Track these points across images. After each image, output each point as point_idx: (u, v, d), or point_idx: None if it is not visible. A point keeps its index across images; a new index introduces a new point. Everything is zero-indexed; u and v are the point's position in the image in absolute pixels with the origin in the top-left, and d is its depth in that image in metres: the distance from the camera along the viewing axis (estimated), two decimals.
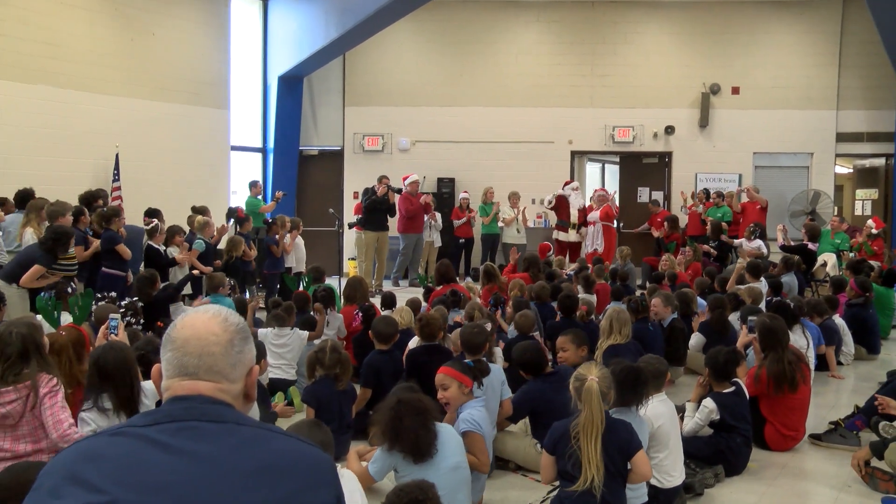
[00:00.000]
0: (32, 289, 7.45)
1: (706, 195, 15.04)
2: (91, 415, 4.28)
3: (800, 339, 7.11)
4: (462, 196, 15.24)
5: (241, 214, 11.91)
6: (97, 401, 4.27)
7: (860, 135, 16.03)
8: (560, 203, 14.65)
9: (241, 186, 14.13)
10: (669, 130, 16.13)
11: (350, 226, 13.79)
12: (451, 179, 16.11)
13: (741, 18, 16.06)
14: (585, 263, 11.95)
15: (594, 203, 14.94)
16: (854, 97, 15.91)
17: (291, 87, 15.83)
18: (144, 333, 6.11)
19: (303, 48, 14.72)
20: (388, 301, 8.52)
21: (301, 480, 1.64)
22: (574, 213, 14.56)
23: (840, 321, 8.75)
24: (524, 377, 5.36)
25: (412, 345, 6.34)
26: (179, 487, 1.55)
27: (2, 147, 10.72)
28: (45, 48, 11.25)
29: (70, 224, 8.43)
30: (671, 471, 4.58)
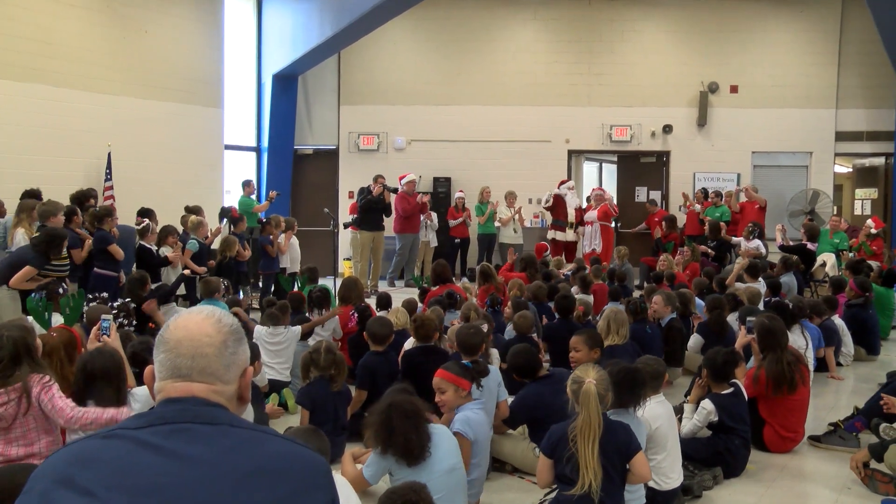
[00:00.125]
0: (23, 290, 7.43)
1: (704, 195, 15.07)
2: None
3: (798, 340, 7.12)
4: (457, 196, 15.25)
5: (235, 214, 11.90)
6: (85, 406, 4.26)
7: (860, 134, 16.06)
8: (556, 202, 14.68)
9: (235, 186, 14.12)
10: (667, 129, 16.14)
11: (345, 226, 13.79)
12: (448, 179, 16.11)
13: (739, 16, 16.08)
14: (583, 263, 11.96)
15: (592, 202, 14.97)
16: (853, 96, 15.94)
17: (286, 86, 15.82)
18: (137, 335, 6.10)
19: (297, 46, 14.71)
20: (384, 302, 8.51)
21: (296, 483, 1.64)
22: (571, 213, 14.59)
23: (839, 322, 8.76)
24: (517, 380, 5.36)
25: (408, 346, 6.34)
26: (172, 490, 1.54)
27: None
28: (38, 46, 11.22)
29: (62, 224, 8.40)
30: (669, 473, 4.59)
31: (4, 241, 8.96)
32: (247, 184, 13.19)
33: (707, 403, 5.30)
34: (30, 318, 6.30)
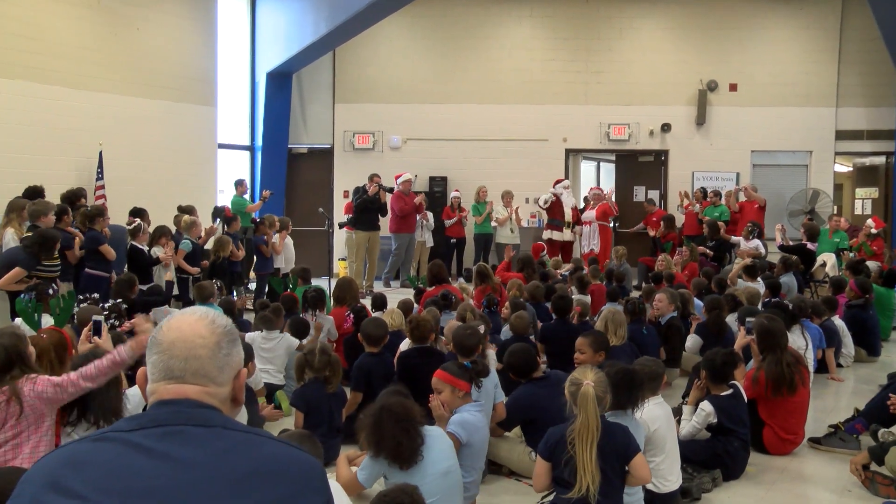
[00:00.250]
0: (12, 291, 7.41)
1: (703, 194, 15.08)
2: (80, 431, 4.24)
3: (798, 340, 7.13)
4: (453, 195, 15.24)
5: (229, 214, 11.89)
6: (76, 412, 4.21)
7: (860, 132, 16.08)
8: (553, 202, 14.65)
9: (229, 185, 14.09)
10: (666, 128, 16.15)
11: (340, 226, 13.78)
12: (444, 178, 16.10)
13: (739, 14, 16.09)
14: (581, 264, 11.97)
15: (590, 201, 14.98)
16: (854, 94, 15.96)
17: (280, 84, 15.80)
18: (128, 336, 6.09)
19: (292, 44, 14.69)
20: (379, 302, 8.51)
21: (290, 486, 1.64)
22: (567, 212, 14.58)
23: (840, 322, 8.78)
24: (514, 380, 5.36)
25: (403, 347, 6.34)
26: (164, 494, 1.54)
27: None
28: (26, 42, 11.17)
29: (53, 224, 8.38)
30: (668, 475, 4.59)
31: None
32: (239, 183, 13.15)
33: (706, 405, 5.31)
34: (18, 320, 6.31)
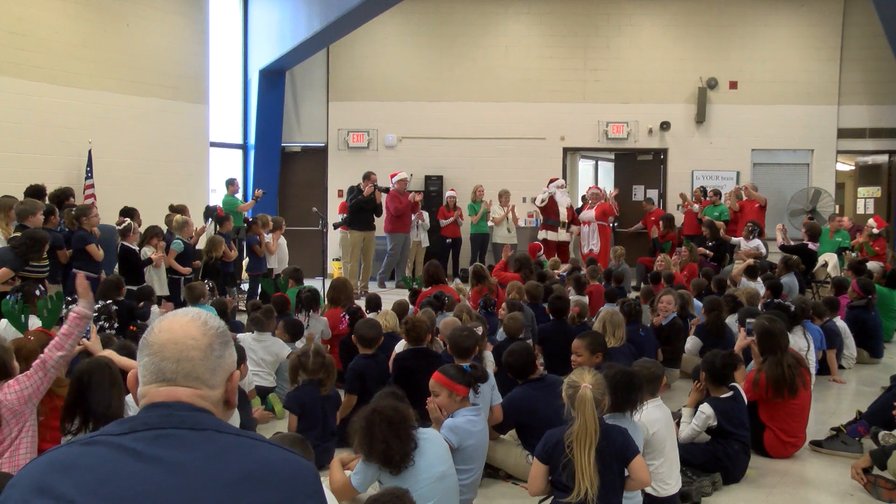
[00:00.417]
0: None
1: (703, 193, 15.09)
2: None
3: (800, 341, 7.15)
4: (448, 195, 15.24)
5: (221, 213, 11.87)
6: (76, 423, 4.13)
7: (862, 131, 16.11)
8: (547, 202, 14.61)
9: (221, 184, 14.08)
10: (665, 126, 16.17)
11: (335, 226, 13.77)
12: (440, 177, 16.11)
13: (739, 10, 16.11)
14: (578, 264, 11.97)
15: (588, 201, 14.97)
16: (856, 92, 15.99)
17: (273, 82, 15.80)
18: (118, 338, 6.08)
19: (285, 41, 14.68)
20: (373, 303, 8.50)
21: (283, 490, 1.64)
22: (563, 212, 14.56)
23: (841, 323, 8.78)
24: (511, 380, 5.37)
25: (399, 349, 6.34)
26: (155, 498, 1.54)
27: None
28: (13, 38, 11.16)
29: (41, 224, 8.36)
30: (667, 479, 4.59)
31: None
32: (230, 182, 13.12)
33: (706, 408, 5.31)
34: (3, 322, 6.28)
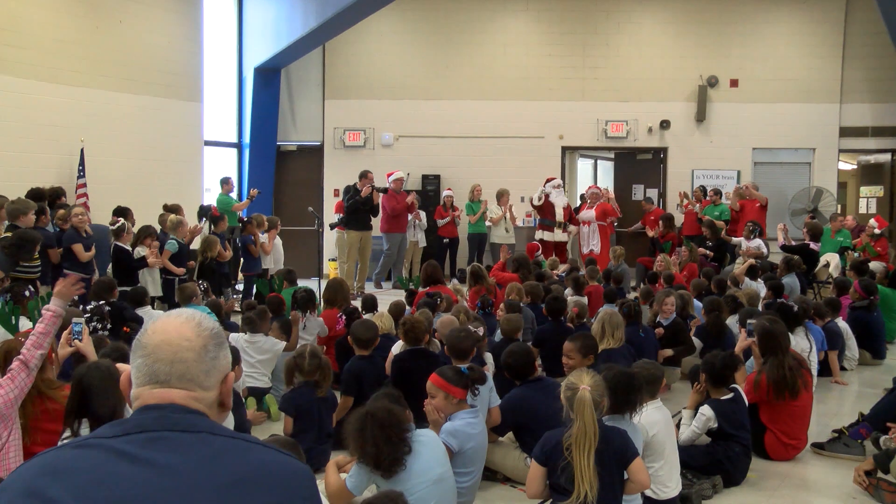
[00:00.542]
0: None
1: (703, 193, 15.10)
2: None
3: (802, 342, 7.15)
4: (445, 194, 15.23)
5: (216, 213, 11.87)
6: (79, 427, 4.01)
7: (864, 129, 16.14)
8: (545, 202, 14.57)
9: (216, 183, 14.08)
10: (665, 125, 16.18)
11: (332, 226, 13.75)
12: (437, 176, 16.11)
13: (740, 7, 16.13)
14: (577, 264, 11.96)
15: (588, 200, 14.96)
16: (858, 90, 16.01)
17: (268, 79, 15.78)
18: (111, 339, 6.07)
19: (280, 38, 14.67)
20: (369, 304, 8.50)
21: (279, 493, 1.63)
22: (559, 212, 14.54)
23: (843, 324, 8.79)
24: (509, 381, 5.37)
25: (396, 350, 6.33)
26: (149, 501, 1.53)
27: None
28: (3, 35, 11.14)
29: (32, 224, 8.36)
30: (667, 482, 4.60)
31: None
32: (225, 181, 13.12)
33: (706, 409, 5.31)
34: None
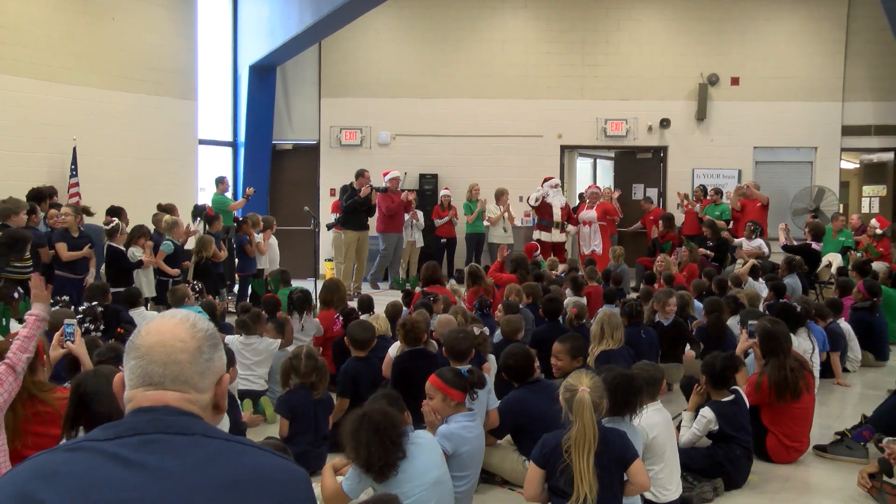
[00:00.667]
0: None
1: (703, 192, 15.10)
2: None
3: (804, 343, 7.14)
4: (443, 193, 15.21)
5: (211, 213, 11.85)
6: (77, 435, 4.04)
7: (867, 128, 16.14)
8: (542, 202, 14.55)
9: (210, 182, 14.07)
10: (665, 124, 16.18)
11: (329, 227, 13.73)
12: (434, 175, 16.10)
13: (741, 4, 16.12)
14: (576, 265, 11.97)
15: (587, 200, 14.95)
16: (861, 88, 16.02)
17: (263, 77, 15.77)
18: (104, 340, 6.06)
19: (276, 35, 14.65)
20: (366, 305, 8.50)
21: (274, 497, 1.63)
22: (557, 213, 14.51)
23: (846, 325, 8.79)
24: (507, 381, 5.38)
25: (393, 351, 6.33)
26: None
27: None
28: None
29: (24, 223, 8.34)
30: (667, 484, 4.60)
31: None
32: (220, 181, 13.10)
33: (706, 411, 5.30)
34: None
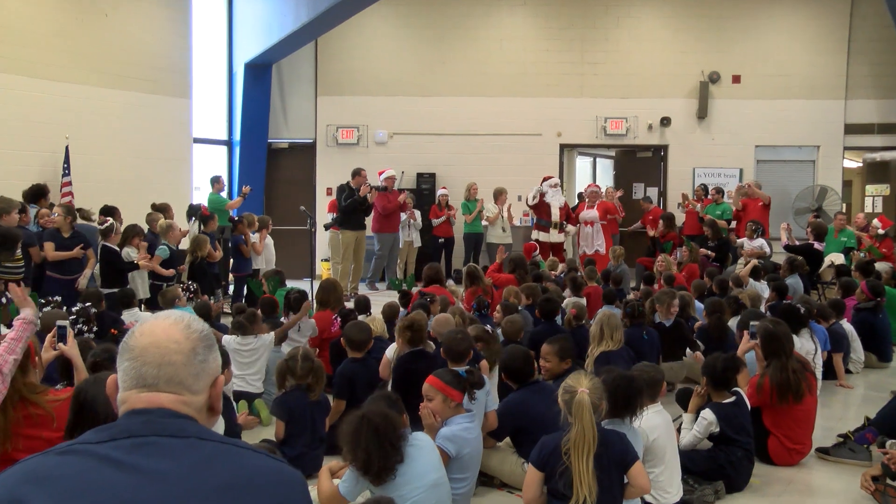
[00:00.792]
0: None
1: (704, 191, 15.10)
2: None
3: (807, 344, 7.13)
4: (440, 193, 15.21)
5: (206, 212, 11.84)
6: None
7: (870, 126, 16.14)
8: (540, 201, 14.53)
9: (205, 182, 14.06)
10: (665, 122, 16.19)
11: (327, 227, 13.71)
12: (432, 175, 16.09)
13: (742, 1, 16.12)
14: (575, 265, 11.96)
15: (587, 199, 14.93)
16: (864, 86, 16.01)
17: (259, 75, 15.76)
18: (97, 342, 6.06)
19: (271, 33, 14.64)
20: (363, 305, 8.49)
21: (270, 499, 1.63)
22: (555, 212, 14.48)
23: (848, 326, 8.78)
24: (507, 383, 5.38)
25: (389, 353, 6.33)
26: None
27: None
28: None
29: (16, 223, 8.33)
30: (668, 487, 4.60)
31: None
32: (216, 180, 13.08)
33: (707, 413, 5.30)
34: None
